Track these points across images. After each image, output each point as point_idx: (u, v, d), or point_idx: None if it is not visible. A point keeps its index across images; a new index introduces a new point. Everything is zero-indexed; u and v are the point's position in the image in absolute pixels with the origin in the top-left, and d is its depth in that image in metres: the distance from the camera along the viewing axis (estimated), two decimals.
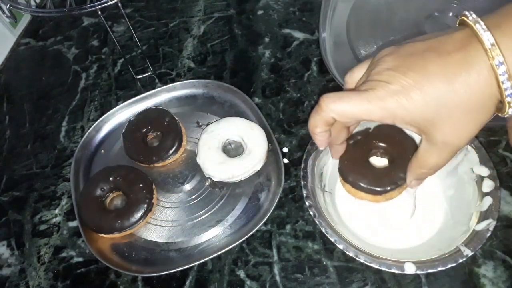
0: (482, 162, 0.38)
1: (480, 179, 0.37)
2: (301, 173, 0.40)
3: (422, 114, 0.26)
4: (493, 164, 0.37)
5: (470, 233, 0.35)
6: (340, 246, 0.35)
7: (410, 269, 0.34)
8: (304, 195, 0.39)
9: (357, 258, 0.35)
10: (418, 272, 0.34)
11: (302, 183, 0.39)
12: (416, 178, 0.33)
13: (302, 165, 0.41)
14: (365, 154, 0.37)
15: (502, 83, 0.24)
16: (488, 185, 0.37)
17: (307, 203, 0.38)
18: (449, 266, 0.33)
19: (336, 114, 0.28)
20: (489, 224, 0.35)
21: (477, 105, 0.25)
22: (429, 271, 0.34)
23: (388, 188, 0.35)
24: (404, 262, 0.34)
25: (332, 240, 0.36)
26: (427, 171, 0.31)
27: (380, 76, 0.27)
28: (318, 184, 0.41)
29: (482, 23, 0.24)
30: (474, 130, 0.26)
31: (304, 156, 0.41)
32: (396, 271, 0.34)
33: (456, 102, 0.25)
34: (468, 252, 0.34)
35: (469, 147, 0.39)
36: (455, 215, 0.39)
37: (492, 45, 0.23)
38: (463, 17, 0.26)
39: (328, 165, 0.43)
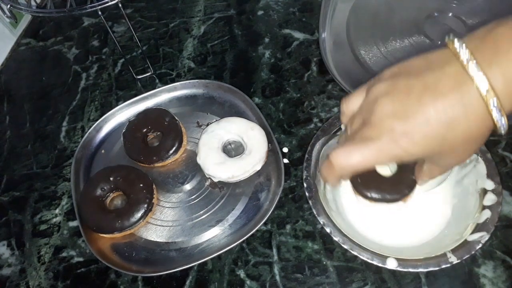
0: (489, 175, 0.38)
1: (483, 192, 0.37)
2: (306, 156, 0.41)
3: (425, 152, 0.28)
4: (500, 179, 0.37)
5: (461, 242, 0.35)
6: (328, 229, 0.36)
7: (391, 264, 0.35)
8: (304, 176, 0.40)
9: (334, 238, 0.36)
10: (399, 268, 0.35)
11: (305, 165, 0.40)
12: (423, 183, 0.36)
13: (308, 148, 0.42)
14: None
15: (497, 121, 0.26)
16: (490, 199, 0.37)
17: (305, 184, 0.39)
18: (431, 269, 0.34)
19: (348, 171, 0.31)
20: (482, 236, 0.35)
21: (476, 137, 0.28)
22: (410, 270, 0.35)
23: (407, 192, 0.36)
24: (387, 257, 0.35)
25: (321, 222, 0.37)
26: (431, 179, 0.35)
27: (383, 123, 0.29)
28: None
29: (474, 62, 0.25)
30: (473, 153, 0.30)
31: (312, 141, 0.42)
32: (376, 263, 0.35)
33: (457, 140, 0.28)
34: (453, 259, 0.34)
35: (479, 159, 0.39)
36: (454, 224, 0.39)
37: (487, 91, 0.25)
38: (453, 45, 0.27)
39: None
